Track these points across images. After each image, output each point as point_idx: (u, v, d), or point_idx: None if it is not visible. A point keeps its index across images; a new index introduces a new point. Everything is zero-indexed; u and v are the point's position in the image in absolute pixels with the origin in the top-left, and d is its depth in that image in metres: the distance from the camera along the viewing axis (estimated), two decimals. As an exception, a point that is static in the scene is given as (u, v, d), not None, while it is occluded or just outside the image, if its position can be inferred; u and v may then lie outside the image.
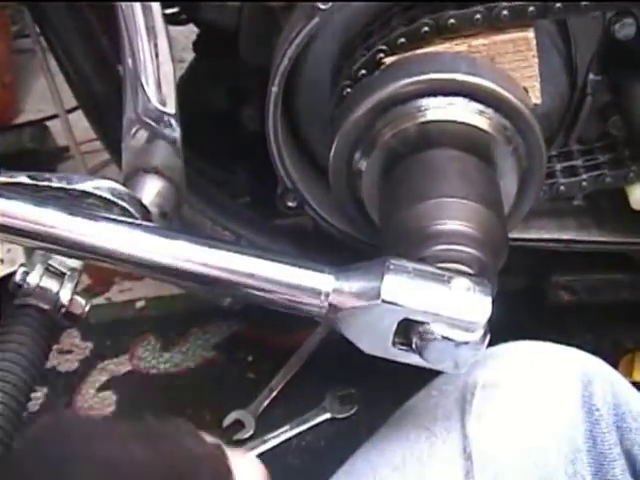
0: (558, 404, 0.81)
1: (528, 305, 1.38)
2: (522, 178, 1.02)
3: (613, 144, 1.15)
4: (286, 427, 1.43)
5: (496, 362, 0.87)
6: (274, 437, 1.42)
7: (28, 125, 2.01)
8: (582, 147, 1.17)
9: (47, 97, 2.08)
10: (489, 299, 0.79)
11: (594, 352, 1.47)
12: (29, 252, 1.62)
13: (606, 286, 1.27)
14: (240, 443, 1.41)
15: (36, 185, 0.99)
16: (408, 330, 0.81)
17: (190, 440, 0.66)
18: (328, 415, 1.44)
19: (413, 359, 0.83)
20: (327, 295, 0.81)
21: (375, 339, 0.83)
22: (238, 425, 1.44)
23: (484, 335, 0.80)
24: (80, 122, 1.62)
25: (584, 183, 1.14)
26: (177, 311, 1.65)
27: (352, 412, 1.45)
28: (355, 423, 1.43)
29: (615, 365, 1.40)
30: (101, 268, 0.87)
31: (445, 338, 0.80)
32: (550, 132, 1.14)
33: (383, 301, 0.79)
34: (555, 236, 1.20)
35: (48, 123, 2.02)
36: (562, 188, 1.14)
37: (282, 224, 1.31)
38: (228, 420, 1.44)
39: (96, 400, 1.54)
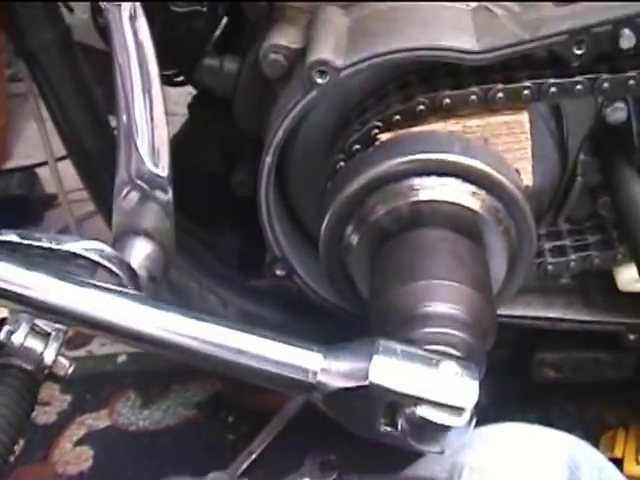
0: None
1: (510, 377, 1.38)
2: (512, 258, 1.02)
3: (602, 225, 1.16)
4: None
5: (484, 444, 0.87)
6: (252, 501, 1.41)
7: (17, 171, 2.00)
8: (571, 227, 1.17)
9: (37, 143, 2.09)
10: (476, 384, 0.80)
11: (576, 425, 1.49)
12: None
13: (591, 365, 1.26)
14: (218, 506, 1.39)
15: (25, 245, 0.98)
16: (394, 412, 0.81)
17: None
18: (307, 480, 1.42)
19: (399, 441, 0.83)
20: (315, 374, 0.81)
21: (363, 420, 0.83)
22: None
23: (470, 419, 0.80)
24: (69, 170, 1.61)
25: (572, 263, 1.14)
26: (159, 367, 1.63)
27: (332, 479, 1.43)
28: (334, 490, 1.42)
29: (597, 439, 1.41)
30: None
31: (431, 422, 0.80)
32: (539, 211, 1.14)
33: (371, 383, 0.79)
34: (542, 314, 1.20)
35: (37, 170, 2.01)
36: (550, 267, 1.14)
37: (267, 287, 1.31)
38: (207, 481, 1.43)
39: (73, 455, 1.52)
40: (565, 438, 0.88)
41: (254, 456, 1.46)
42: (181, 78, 1.28)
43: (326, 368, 0.81)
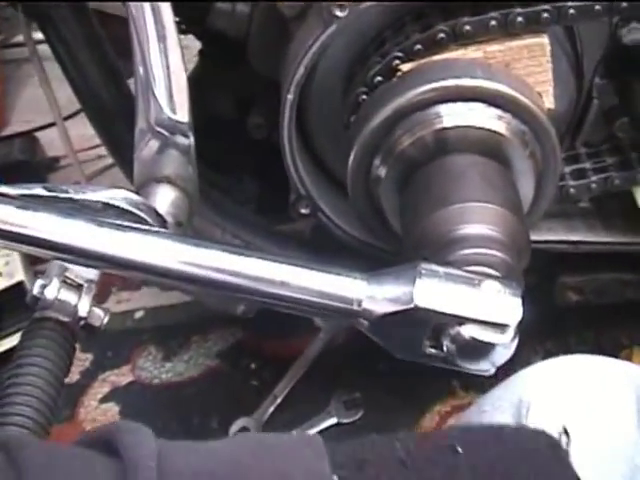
0: (615, 420, 0.81)
1: (532, 305, 1.40)
2: (538, 180, 1.03)
3: (620, 147, 1.17)
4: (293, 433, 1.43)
5: (549, 378, 0.87)
6: (280, 444, 1.42)
7: (17, 136, 1.99)
8: (589, 150, 1.18)
9: (34, 108, 2.09)
10: (519, 300, 0.81)
11: (594, 349, 1.51)
12: (27, 265, 1.62)
13: (613, 286, 1.28)
14: (247, 451, 1.41)
15: (53, 197, 0.99)
16: (440, 333, 0.82)
17: None
18: (334, 420, 1.44)
19: (444, 362, 0.83)
20: (360, 302, 0.81)
21: (408, 343, 0.83)
22: (245, 432, 1.43)
23: (514, 336, 0.81)
24: (71, 131, 1.63)
25: (593, 185, 1.15)
26: (177, 320, 1.64)
27: (358, 416, 1.45)
28: (362, 427, 1.44)
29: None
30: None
31: (476, 340, 0.81)
32: (558, 135, 1.15)
33: (416, 306, 0.80)
34: (563, 238, 1.21)
35: (37, 134, 2.00)
36: (572, 191, 1.15)
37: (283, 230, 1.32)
38: (234, 428, 1.44)
39: (99, 412, 1.53)
40: (630, 367, 0.88)
41: (279, 400, 1.48)
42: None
43: (371, 295, 0.81)
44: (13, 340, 1.56)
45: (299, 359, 1.53)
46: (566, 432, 0.76)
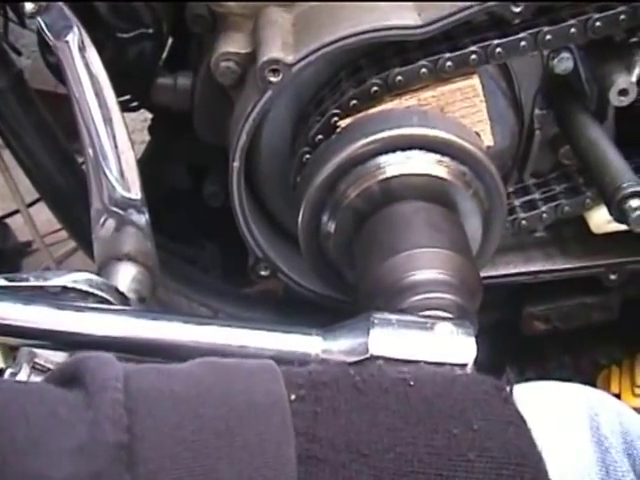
0: (568, 438, 0.83)
1: (503, 337, 1.41)
2: (485, 219, 1.05)
3: (567, 173, 1.19)
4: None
5: None
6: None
7: (-14, 225, 2.01)
8: (537, 180, 1.21)
9: (0, 194, 2.10)
10: (473, 339, 0.82)
11: (573, 373, 1.52)
12: (6, 351, 1.62)
13: (578, 311, 1.29)
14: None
15: (15, 286, 1.00)
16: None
17: None
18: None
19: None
20: (317, 356, 0.83)
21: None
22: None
23: (473, 376, 0.82)
24: (39, 216, 1.64)
25: (544, 215, 1.17)
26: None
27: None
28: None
29: (594, 381, 1.45)
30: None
31: (436, 383, 0.82)
32: (504, 170, 1.17)
33: (372, 356, 0.81)
34: (522, 269, 1.23)
35: (6, 220, 2.01)
36: (524, 222, 1.17)
37: (253, 292, 1.33)
38: None
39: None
40: (580, 389, 0.89)
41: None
42: (135, 103, 1.30)
43: (327, 349, 0.83)
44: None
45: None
46: None
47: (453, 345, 0.82)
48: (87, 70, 1.08)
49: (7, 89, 1.19)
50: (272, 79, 1.02)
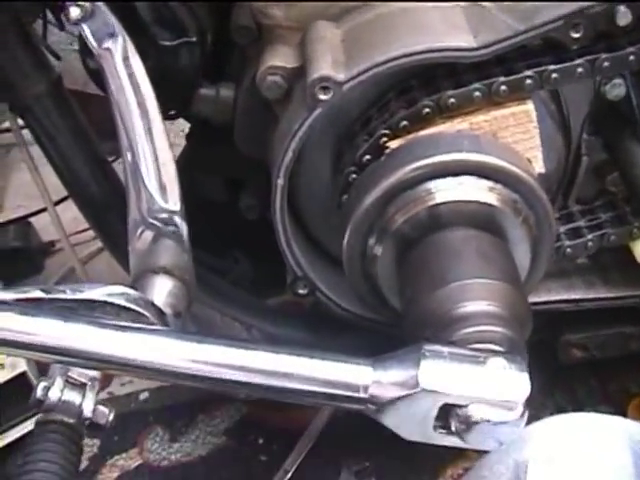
0: (612, 474, 0.81)
1: (534, 362, 1.39)
2: (534, 246, 1.03)
3: (613, 202, 1.17)
4: None
5: (544, 438, 0.87)
6: (294, 519, 1.41)
7: (11, 223, 1.99)
8: (582, 207, 1.18)
9: (25, 193, 2.09)
10: (526, 376, 0.81)
11: (603, 400, 1.50)
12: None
13: (616, 341, 1.28)
14: (259, 528, 1.40)
15: (51, 299, 0.98)
16: (447, 413, 0.82)
17: None
18: (346, 491, 1.43)
19: (453, 441, 0.83)
20: (366, 388, 0.81)
21: (415, 425, 0.84)
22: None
23: (523, 412, 0.80)
24: (65, 215, 1.62)
25: (589, 243, 1.15)
26: (182, 400, 1.62)
27: (369, 485, 1.44)
28: (374, 497, 1.42)
29: (624, 410, 1.43)
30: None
31: (485, 420, 0.80)
32: (549, 195, 1.15)
33: (423, 389, 0.80)
34: (564, 297, 1.21)
35: (30, 219, 2.00)
36: (568, 250, 1.15)
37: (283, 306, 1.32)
38: (247, 506, 1.43)
39: (110, 499, 1.52)
40: (620, 421, 0.88)
41: (290, 474, 1.46)
42: (173, 112, 1.28)
43: (377, 380, 0.82)
44: (16, 432, 1.55)
45: (307, 430, 1.52)
46: None
47: (506, 381, 0.81)
48: (130, 78, 1.07)
49: (46, 94, 1.17)
50: (322, 97, 1.00)
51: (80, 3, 1.04)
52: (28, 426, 1.54)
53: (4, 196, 2.20)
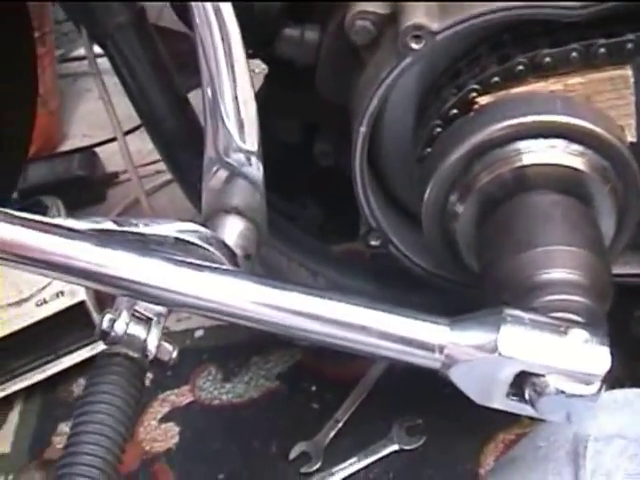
0: None
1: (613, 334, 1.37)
2: (619, 216, 1.01)
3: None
4: (353, 459, 1.41)
5: (606, 412, 0.86)
6: (341, 469, 1.41)
7: (76, 152, 2.00)
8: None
9: (90, 122, 2.09)
10: (607, 350, 0.79)
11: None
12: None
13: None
14: (308, 476, 1.40)
15: (123, 231, 0.98)
16: (521, 381, 0.80)
17: None
18: (396, 447, 1.42)
19: (525, 410, 0.82)
20: (443, 348, 0.80)
21: (488, 390, 0.82)
22: (305, 457, 1.42)
23: (600, 387, 0.79)
24: (131, 146, 1.62)
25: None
26: (237, 340, 1.63)
27: (420, 443, 1.43)
28: (423, 454, 1.41)
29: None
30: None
31: (560, 391, 0.79)
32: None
33: (501, 355, 0.78)
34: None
35: (95, 149, 2.01)
36: (649, 222, 1.12)
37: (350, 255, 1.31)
38: (295, 452, 1.43)
39: (159, 432, 1.52)
40: None
41: (340, 424, 1.46)
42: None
43: (454, 341, 0.80)
44: (70, 360, 1.58)
45: (361, 382, 1.51)
46: None
47: (587, 354, 0.79)
48: (216, 15, 1.05)
49: (128, 24, 1.16)
50: (414, 45, 0.97)
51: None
52: (84, 354, 1.56)
53: (70, 125, 2.20)
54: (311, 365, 1.57)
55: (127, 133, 1.68)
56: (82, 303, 1.54)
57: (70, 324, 1.55)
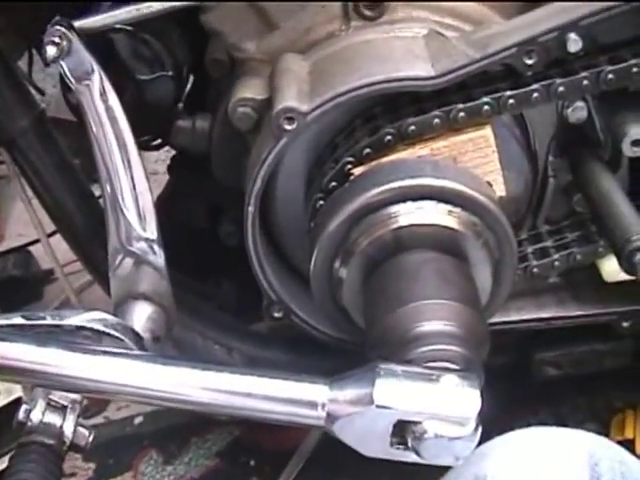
0: None
1: (514, 381, 1.41)
2: (495, 268, 1.05)
3: (580, 221, 1.19)
4: (299, 529, 1.44)
5: (502, 453, 0.89)
6: (287, 542, 1.43)
7: (11, 252, 2.03)
8: (551, 227, 1.20)
9: (27, 221, 2.12)
10: (478, 392, 0.83)
11: (589, 417, 1.51)
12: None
13: (589, 357, 1.29)
14: None
15: (31, 325, 1.02)
16: (403, 430, 0.84)
17: None
18: (341, 512, 1.45)
19: (411, 457, 0.86)
20: (323, 405, 0.84)
21: (373, 442, 0.86)
22: None
23: (476, 427, 0.83)
24: (62, 244, 1.66)
25: (556, 263, 1.17)
26: (176, 422, 1.66)
27: (359, 504, 1.45)
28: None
29: (608, 425, 1.44)
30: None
31: (438, 435, 0.83)
32: (518, 216, 1.18)
33: (377, 406, 0.83)
34: (535, 316, 1.22)
35: (31, 248, 2.04)
36: (535, 270, 1.17)
37: (268, 329, 1.34)
38: (238, 527, 1.45)
39: (106, 523, 1.55)
40: (582, 435, 0.90)
41: (282, 496, 1.48)
42: (158, 141, 1.32)
43: (333, 398, 0.85)
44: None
45: (297, 451, 1.54)
46: None
47: (458, 398, 0.83)
48: (107, 113, 1.10)
49: (29, 128, 1.21)
50: (287, 127, 1.03)
51: (57, 42, 1.08)
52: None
53: (5, 225, 2.24)
54: (249, 439, 1.61)
55: (55, 232, 1.72)
56: (19, 400, 1.55)
57: (8, 422, 1.56)
